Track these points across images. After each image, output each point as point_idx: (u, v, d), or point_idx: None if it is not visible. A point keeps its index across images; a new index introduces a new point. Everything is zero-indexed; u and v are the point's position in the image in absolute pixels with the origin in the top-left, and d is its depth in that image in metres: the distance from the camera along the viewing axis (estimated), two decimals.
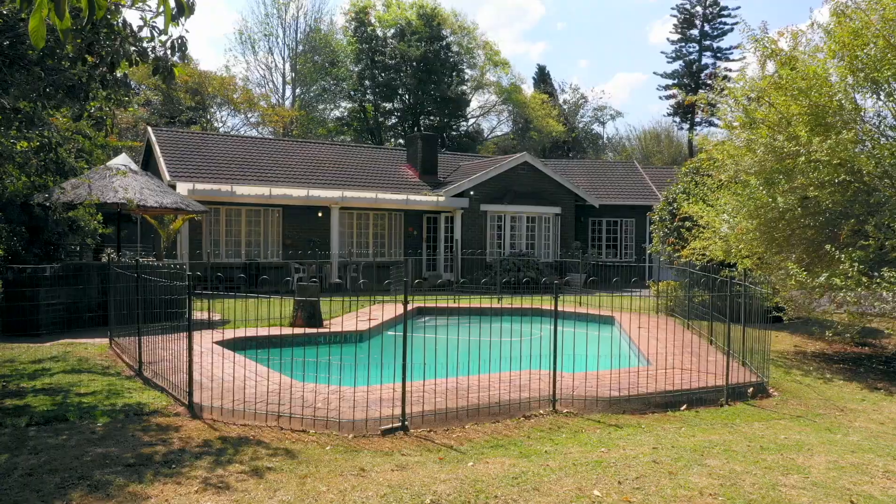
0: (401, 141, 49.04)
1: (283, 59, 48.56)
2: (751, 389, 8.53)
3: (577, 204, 27.43)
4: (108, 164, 13.33)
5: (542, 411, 7.33)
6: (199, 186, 20.51)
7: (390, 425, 6.55)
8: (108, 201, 12.32)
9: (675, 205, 17.48)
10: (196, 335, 8.10)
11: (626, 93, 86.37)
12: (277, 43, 48.20)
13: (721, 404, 8.05)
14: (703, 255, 12.77)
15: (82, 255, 15.10)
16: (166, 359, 9.01)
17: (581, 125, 57.70)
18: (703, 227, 12.88)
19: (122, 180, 12.83)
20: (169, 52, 7.46)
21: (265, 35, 46.83)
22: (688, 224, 13.14)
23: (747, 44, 11.58)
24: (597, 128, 58.03)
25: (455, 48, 50.61)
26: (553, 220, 26.38)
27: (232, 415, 6.82)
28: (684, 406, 7.84)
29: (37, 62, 6.81)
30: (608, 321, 16.06)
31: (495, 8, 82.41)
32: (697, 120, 51.68)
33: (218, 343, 11.09)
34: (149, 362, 8.99)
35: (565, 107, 57.64)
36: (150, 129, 25.38)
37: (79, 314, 12.47)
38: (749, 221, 10.96)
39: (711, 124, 52.31)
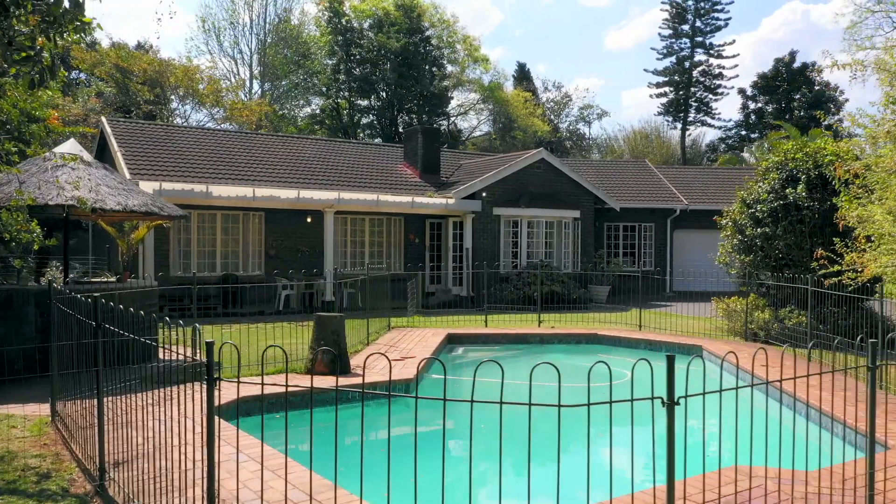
0: (378, 140, 45.51)
1: (251, 51, 44.62)
2: None
3: (596, 207, 24.37)
4: (53, 150, 9.68)
5: None
6: (168, 186, 16.81)
7: None
8: (51, 203, 8.67)
9: (757, 207, 14.46)
10: (177, 391, 4.74)
11: (584, 97, 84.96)
12: (245, 33, 44.22)
13: None
14: (859, 271, 9.65)
15: (19, 276, 11.36)
16: (146, 452, 5.53)
17: (566, 124, 54.96)
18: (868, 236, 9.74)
19: (69, 173, 9.17)
20: None
21: (231, 23, 42.83)
22: (860, 231, 9.96)
23: None
24: (582, 127, 55.37)
25: (435, 41, 47.32)
26: (572, 226, 23.25)
27: None
28: None
29: None
30: (694, 352, 12.92)
31: (457, 12, 79.75)
32: (690, 118, 49.33)
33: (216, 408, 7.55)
34: (117, 463, 5.47)
35: (548, 105, 54.83)
36: (104, 119, 21.49)
37: (6, 365, 8.78)
38: None
39: (705, 124, 50.07)
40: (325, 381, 9.05)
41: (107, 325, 5.35)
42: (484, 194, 21.49)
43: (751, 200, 14.71)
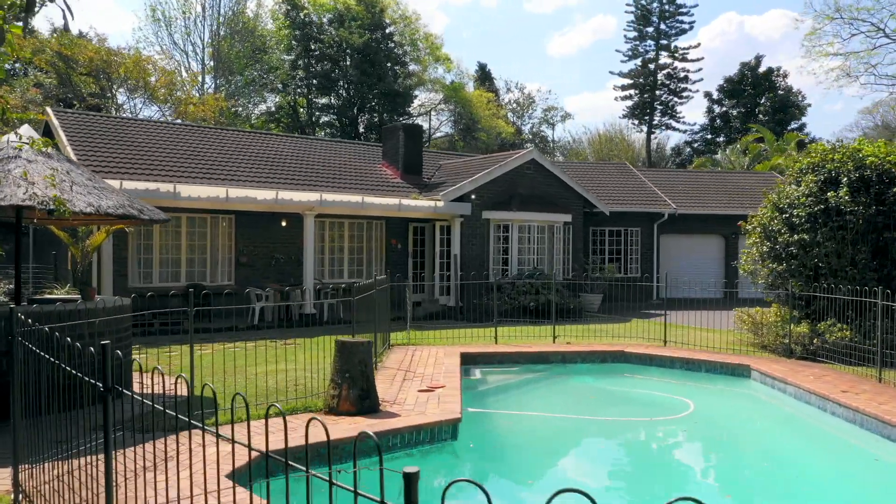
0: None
1: (203, 44, 42.04)
2: None
3: (584, 211, 23.13)
4: (18, 131, 7.73)
5: None
6: (130, 185, 14.73)
7: None
8: (5, 203, 6.75)
9: (793, 212, 13.33)
10: (176, 445, 3.05)
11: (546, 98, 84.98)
12: (197, 24, 41.64)
13: None
14: None
15: None
16: None
17: (528, 126, 53.96)
18: None
19: (29, 165, 7.25)
20: None
21: (183, 13, 40.23)
22: None
23: None
24: (546, 129, 54.47)
25: (397, 38, 45.64)
26: (564, 230, 21.93)
27: None
28: None
29: None
30: (741, 372, 11.63)
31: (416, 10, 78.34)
32: (656, 122, 48.92)
33: (232, 478, 5.78)
34: None
35: (510, 107, 53.75)
36: (49, 110, 19.15)
37: None
38: None
39: (669, 127, 49.75)
40: (356, 424, 7.37)
41: (120, 388, 3.60)
42: (473, 196, 19.96)
43: (784, 205, 13.57)
